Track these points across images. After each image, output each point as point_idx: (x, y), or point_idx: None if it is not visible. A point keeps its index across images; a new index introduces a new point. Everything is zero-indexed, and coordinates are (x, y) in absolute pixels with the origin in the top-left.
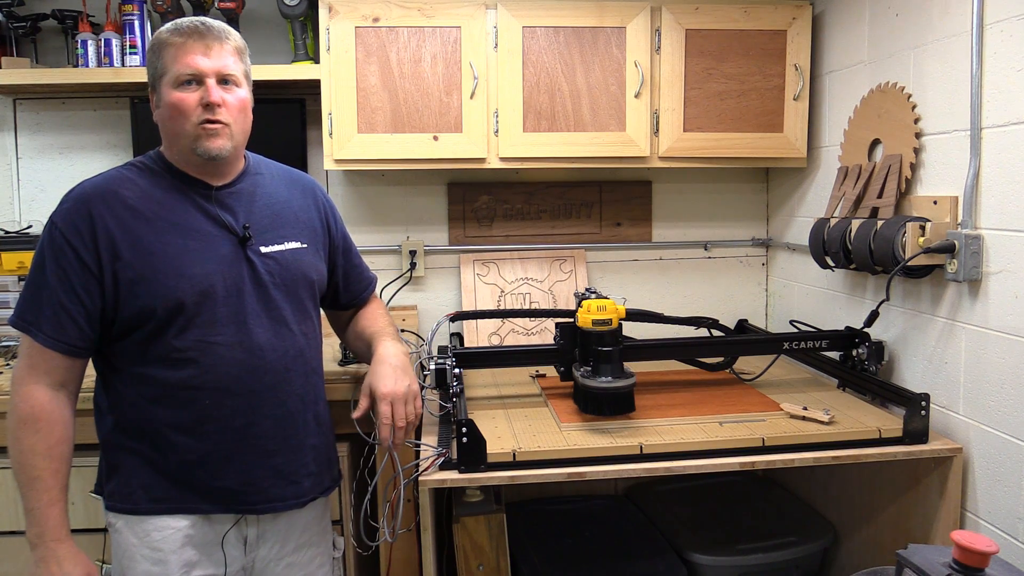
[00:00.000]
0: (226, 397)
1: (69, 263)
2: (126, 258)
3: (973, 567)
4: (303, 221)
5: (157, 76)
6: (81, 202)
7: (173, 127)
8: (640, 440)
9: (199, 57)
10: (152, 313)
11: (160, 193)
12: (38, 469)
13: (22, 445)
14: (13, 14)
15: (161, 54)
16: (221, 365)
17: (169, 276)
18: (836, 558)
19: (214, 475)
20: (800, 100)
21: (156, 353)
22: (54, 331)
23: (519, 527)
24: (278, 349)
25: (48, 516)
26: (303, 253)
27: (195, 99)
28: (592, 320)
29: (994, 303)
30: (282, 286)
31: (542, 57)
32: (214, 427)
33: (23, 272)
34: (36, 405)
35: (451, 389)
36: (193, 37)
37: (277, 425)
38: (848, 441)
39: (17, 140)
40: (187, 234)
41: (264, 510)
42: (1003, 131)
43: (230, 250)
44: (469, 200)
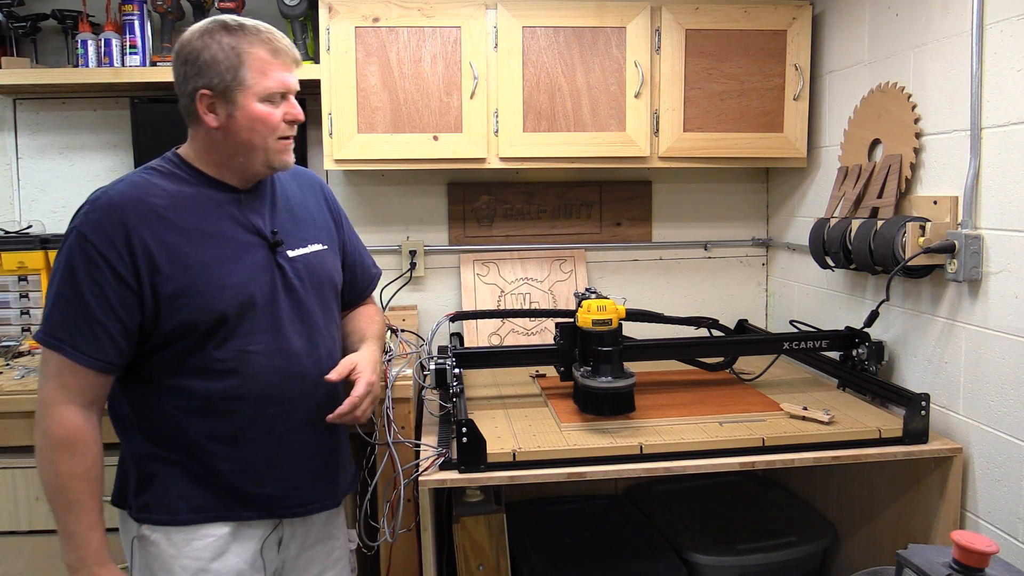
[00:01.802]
0: (267, 405)
1: (104, 277)
2: (165, 272)
3: (973, 567)
4: (319, 221)
5: (236, 84)
6: (112, 212)
7: (249, 140)
8: (640, 440)
9: (287, 74)
10: (195, 327)
11: (189, 200)
12: (77, 493)
13: (59, 469)
14: (13, 14)
15: (245, 62)
16: (261, 374)
17: (210, 288)
18: (836, 558)
19: (256, 483)
20: (800, 100)
21: (195, 365)
22: (91, 349)
23: (519, 527)
24: (313, 354)
25: (89, 540)
26: (325, 255)
27: (280, 115)
28: (592, 320)
29: (994, 303)
30: (311, 290)
31: (542, 57)
32: (257, 435)
33: (23, 272)
34: (71, 427)
35: (451, 389)
36: (280, 52)
37: (315, 429)
38: (848, 441)
39: (17, 140)
40: (221, 243)
41: (304, 512)
42: (1003, 131)
43: (262, 256)
44: (469, 200)
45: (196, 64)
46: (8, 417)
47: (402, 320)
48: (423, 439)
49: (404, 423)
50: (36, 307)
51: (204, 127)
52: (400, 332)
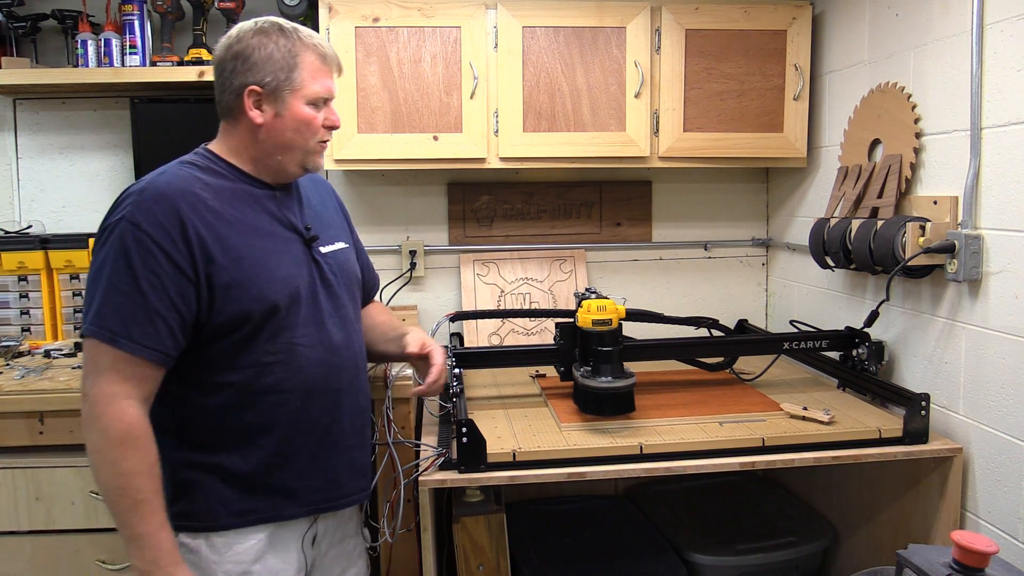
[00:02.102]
0: (315, 397)
1: (161, 267)
2: (219, 262)
3: (973, 567)
4: (337, 222)
5: (287, 85)
6: (164, 201)
7: (292, 140)
8: (640, 440)
9: (332, 82)
10: (248, 318)
11: (230, 194)
12: (143, 491)
13: (122, 467)
14: (13, 14)
15: (299, 65)
16: (308, 366)
17: (262, 279)
18: (836, 558)
19: (300, 475)
20: (800, 100)
21: (246, 359)
22: (150, 340)
23: (519, 527)
24: (350, 347)
25: (161, 540)
26: (349, 252)
27: (321, 119)
28: (592, 320)
29: (994, 303)
30: (343, 285)
31: (542, 57)
32: (303, 428)
33: (23, 272)
34: (132, 423)
35: (451, 389)
36: (329, 60)
37: (353, 421)
38: (848, 441)
39: (17, 140)
40: (264, 237)
41: (341, 505)
42: (1003, 131)
43: (301, 251)
44: (469, 200)
45: (248, 61)
46: (8, 417)
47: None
48: (423, 439)
49: (404, 423)
50: (36, 307)
51: (245, 123)
52: None
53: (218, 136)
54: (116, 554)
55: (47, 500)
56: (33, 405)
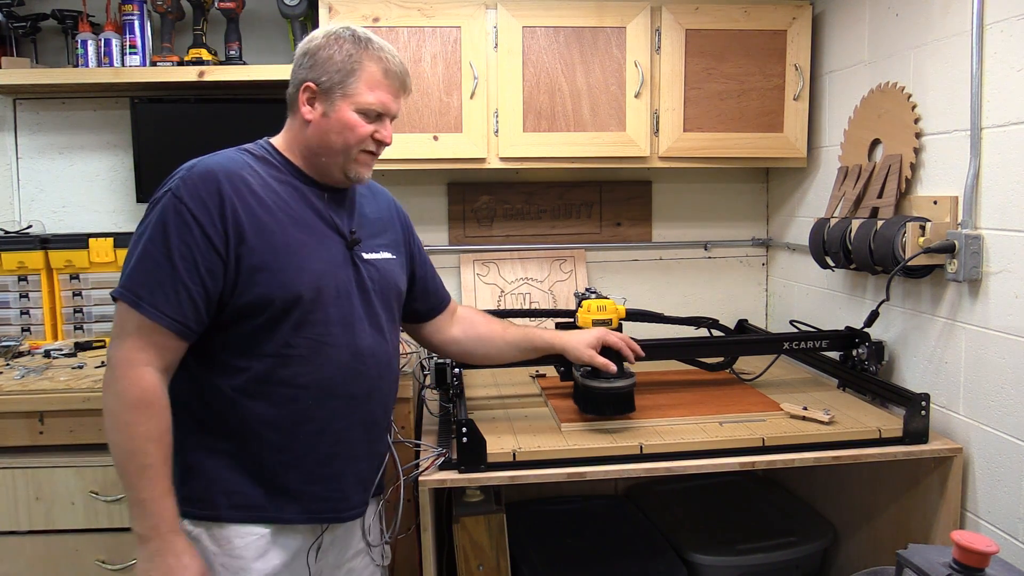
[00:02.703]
0: (328, 399)
1: (195, 240)
2: (251, 243)
3: (973, 567)
4: (391, 233)
5: (339, 88)
6: (209, 179)
7: (334, 142)
8: (640, 440)
9: (392, 99)
10: (269, 304)
11: (277, 185)
12: (151, 456)
13: (134, 431)
14: (13, 14)
15: (357, 72)
16: (328, 366)
17: (290, 268)
18: (836, 558)
19: (307, 479)
20: (800, 100)
21: (267, 347)
22: (172, 310)
23: (519, 527)
24: (376, 356)
25: (164, 506)
26: (394, 264)
27: (369, 130)
28: (592, 320)
29: (994, 303)
30: (380, 293)
31: (542, 57)
32: (313, 428)
33: (23, 272)
34: (148, 388)
35: (451, 389)
36: (396, 78)
37: (366, 432)
38: (848, 441)
39: (17, 140)
40: (304, 230)
41: (347, 518)
42: (1003, 131)
43: (340, 252)
44: (469, 200)
45: (313, 58)
46: (8, 417)
47: None
48: (423, 439)
49: (404, 423)
50: (36, 307)
51: (299, 118)
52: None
53: (282, 131)
54: (116, 554)
55: (47, 500)
56: (33, 405)
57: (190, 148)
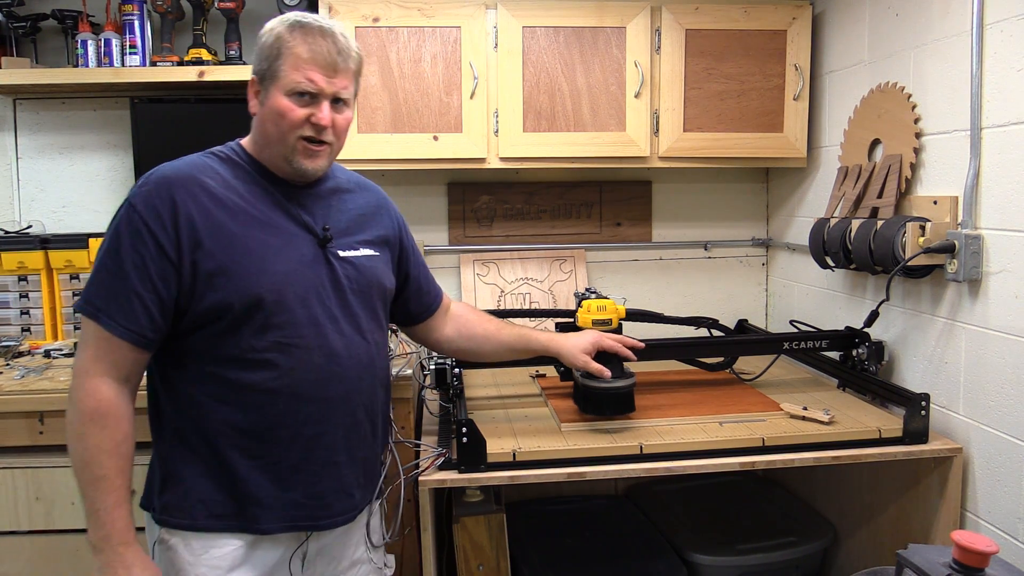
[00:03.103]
0: (301, 403)
1: (147, 248)
2: (207, 247)
3: (973, 567)
4: (376, 230)
5: (269, 75)
6: (163, 186)
7: (273, 132)
8: (640, 440)
9: (321, 77)
10: (229, 308)
11: (242, 186)
12: (104, 467)
13: (88, 442)
14: (13, 14)
15: (281, 56)
16: (299, 369)
17: (250, 271)
18: (836, 558)
19: (281, 486)
20: (800, 100)
21: (231, 352)
22: (126, 320)
23: (519, 527)
24: (353, 356)
25: (115, 518)
26: (377, 261)
27: (303, 114)
28: (592, 320)
29: (994, 303)
30: (359, 292)
31: (542, 57)
32: (286, 434)
33: (23, 272)
34: (103, 400)
35: (451, 389)
36: (320, 52)
37: (345, 435)
38: (848, 441)
39: (17, 140)
40: (269, 230)
41: (326, 526)
42: (1003, 131)
43: (311, 251)
44: (469, 200)
45: (256, 51)
46: (8, 417)
47: None
48: (423, 439)
49: (404, 423)
50: (36, 307)
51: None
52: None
53: None
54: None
55: (47, 500)
56: (33, 405)
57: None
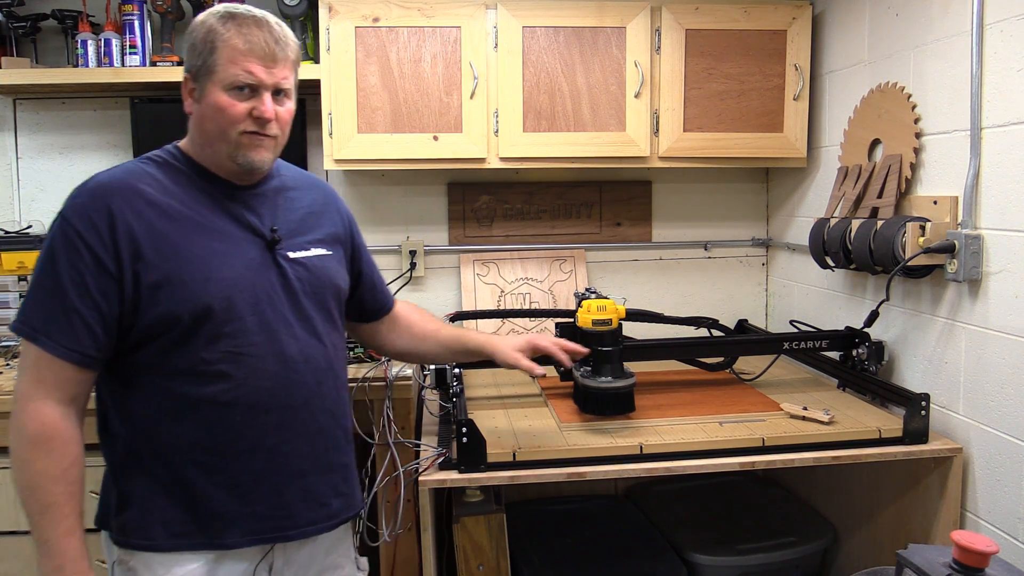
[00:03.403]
0: (259, 414)
1: (84, 263)
2: (149, 259)
3: (973, 567)
4: (326, 227)
5: (204, 71)
6: (98, 196)
7: (213, 129)
8: (640, 440)
9: (260, 68)
10: (176, 320)
11: (182, 191)
12: (52, 494)
13: (33, 468)
14: (13, 14)
15: (215, 49)
16: (253, 379)
17: (196, 280)
18: (836, 558)
19: (243, 500)
20: (800, 100)
21: (181, 365)
22: (67, 339)
23: (519, 527)
24: (311, 361)
25: (67, 547)
26: (330, 260)
27: (245, 108)
28: (592, 320)
29: (994, 303)
30: (312, 294)
31: (542, 57)
32: (246, 447)
33: (24, 272)
34: (48, 423)
35: (451, 389)
36: (258, 44)
37: (309, 443)
38: (848, 441)
39: (17, 140)
40: (213, 236)
41: (294, 536)
42: (1003, 131)
43: (258, 254)
44: (469, 200)
45: (187, 48)
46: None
47: None
48: (423, 439)
49: (404, 423)
50: None
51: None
52: None
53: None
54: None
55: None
56: None
57: None
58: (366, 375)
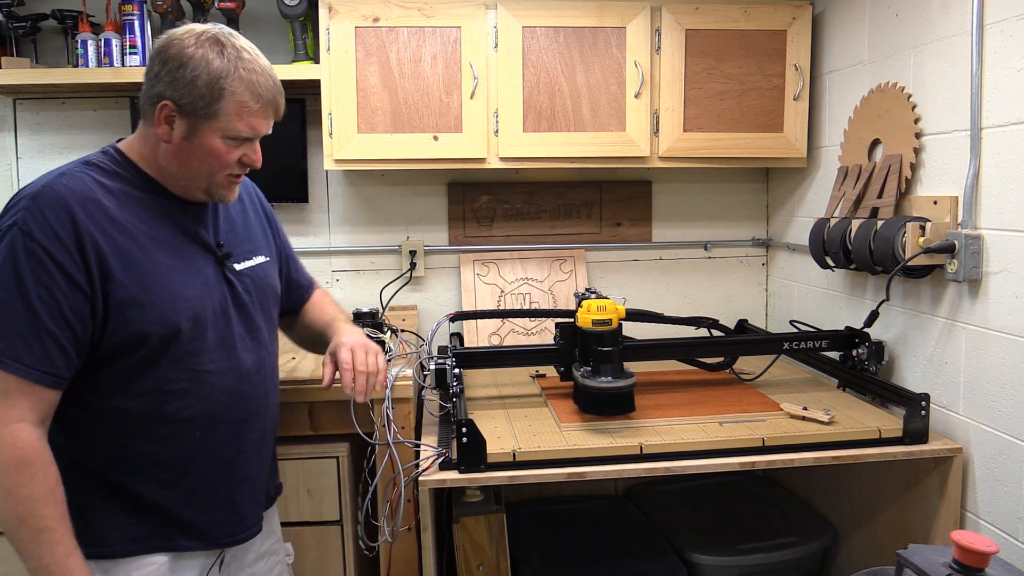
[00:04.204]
0: (217, 427)
1: (54, 281)
2: (118, 277)
3: (973, 567)
4: (259, 232)
5: (204, 114)
6: (60, 208)
7: (196, 168)
8: (640, 440)
9: (263, 122)
10: (145, 340)
11: (136, 204)
12: (44, 518)
13: (19, 495)
14: (13, 14)
15: (221, 98)
16: (212, 395)
17: (164, 299)
18: (836, 558)
19: (200, 509)
20: (800, 100)
21: (143, 386)
22: (40, 362)
23: (519, 527)
24: (260, 372)
25: (70, 569)
26: (268, 266)
27: (236, 156)
28: (592, 320)
29: (994, 303)
30: (259, 304)
31: (542, 57)
32: (203, 459)
33: None
34: (27, 447)
35: (451, 389)
36: (264, 101)
37: (258, 450)
38: (848, 441)
39: (17, 140)
40: (171, 253)
41: (244, 538)
42: (1003, 131)
43: (212, 271)
44: (469, 200)
45: (174, 73)
46: None
47: (402, 320)
48: (423, 439)
49: (404, 423)
50: None
51: (156, 134)
52: (400, 332)
53: (134, 135)
54: None
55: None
56: None
57: None
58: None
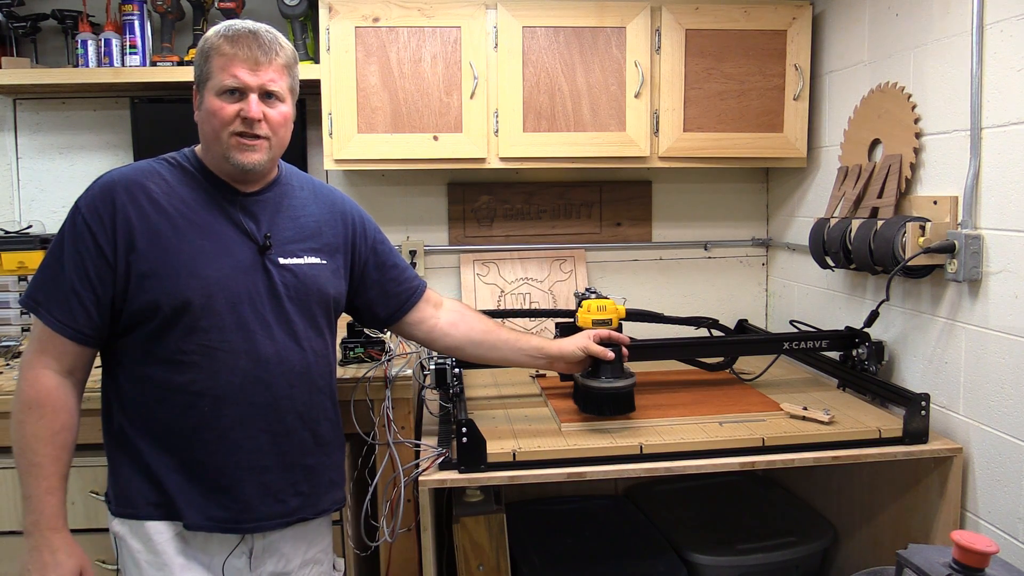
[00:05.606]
0: (225, 406)
1: (87, 248)
2: (141, 250)
3: (973, 567)
4: (326, 237)
5: (202, 79)
6: (107, 189)
7: (209, 132)
8: (640, 440)
9: (245, 71)
10: (157, 309)
11: (187, 191)
12: (39, 455)
13: (24, 430)
14: (13, 14)
15: (209, 59)
16: (223, 372)
17: (180, 274)
18: (836, 558)
19: (204, 486)
20: (800, 100)
21: (160, 354)
22: (63, 315)
23: (519, 527)
24: (284, 363)
25: (45, 504)
26: (321, 269)
27: (233, 110)
28: (592, 320)
29: (994, 303)
30: (296, 300)
31: (542, 57)
32: (211, 436)
33: (23, 272)
34: (42, 390)
35: (451, 389)
36: (243, 50)
37: (273, 441)
38: (848, 441)
39: (17, 140)
40: (206, 235)
41: (251, 530)
42: (1003, 131)
43: (248, 257)
44: (469, 200)
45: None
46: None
47: None
48: (423, 439)
49: (404, 423)
50: None
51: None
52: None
53: None
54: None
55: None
56: None
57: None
58: (366, 375)
